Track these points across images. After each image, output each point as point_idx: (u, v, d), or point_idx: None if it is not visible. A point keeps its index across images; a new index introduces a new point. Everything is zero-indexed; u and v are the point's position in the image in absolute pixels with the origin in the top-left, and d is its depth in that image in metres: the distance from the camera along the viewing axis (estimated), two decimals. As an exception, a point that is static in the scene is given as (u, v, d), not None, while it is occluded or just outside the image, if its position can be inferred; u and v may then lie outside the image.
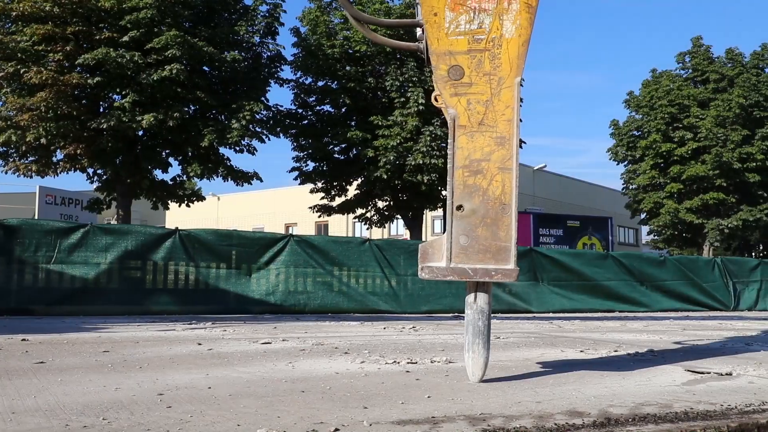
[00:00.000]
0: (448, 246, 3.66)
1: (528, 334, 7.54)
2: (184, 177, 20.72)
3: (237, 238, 11.56)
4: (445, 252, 3.67)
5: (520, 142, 3.73)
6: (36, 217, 24.80)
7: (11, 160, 18.86)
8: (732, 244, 35.14)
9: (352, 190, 24.68)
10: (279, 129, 22.01)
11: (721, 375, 4.18)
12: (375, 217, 25.43)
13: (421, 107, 21.17)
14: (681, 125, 32.11)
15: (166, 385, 3.46)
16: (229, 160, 20.74)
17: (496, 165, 3.67)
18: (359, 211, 25.40)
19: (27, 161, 18.96)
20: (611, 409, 3.00)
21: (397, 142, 21.26)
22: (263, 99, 20.68)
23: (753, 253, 37.50)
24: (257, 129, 20.33)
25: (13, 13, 17.36)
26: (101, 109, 18.85)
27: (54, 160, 19.05)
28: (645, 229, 38.78)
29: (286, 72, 69.57)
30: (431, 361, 4.66)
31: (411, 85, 21.77)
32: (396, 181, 22.33)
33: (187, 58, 18.11)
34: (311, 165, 24.18)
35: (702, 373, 4.26)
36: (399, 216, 25.47)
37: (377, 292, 12.28)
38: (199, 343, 5.69)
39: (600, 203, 48.68)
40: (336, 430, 2.50)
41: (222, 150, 20.40)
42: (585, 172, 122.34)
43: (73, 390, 3.28)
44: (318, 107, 23.92)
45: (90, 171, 19.91)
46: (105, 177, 20.07)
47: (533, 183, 42.46)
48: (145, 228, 11.25)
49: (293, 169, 24.34)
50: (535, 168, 43.39)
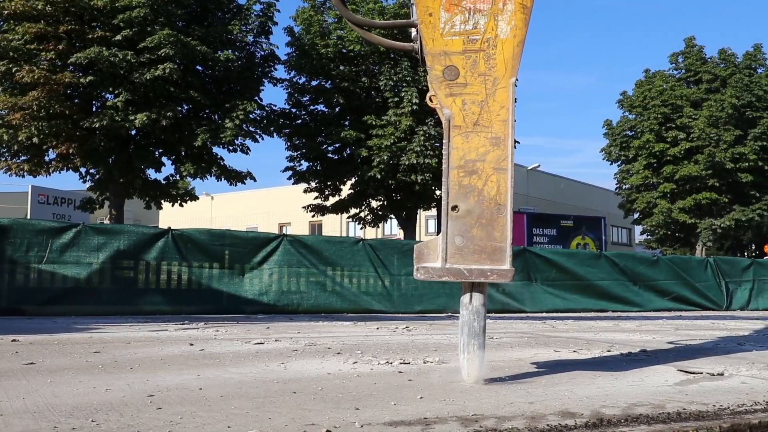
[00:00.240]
0: (443, 246, 3.65)
1: (521, 334, 7.54)
2: (177, 176, 20.67)
3: (230, 238, 11.52)
4: (441, 252, 3.65)
5: (514, 142, 3.72)
6: (28, 216, 24.67)
7: (3, 159, 18.80)
8: (725, 243, 35.27)
9: (346, 190, 24.66)
10: (272, 128, 22.00)
11: (714, 375, 4.18)
12: (369, 216, 25.41)
13: (414, 107, 21.18)
14: (674, 125, 32.21)
15: (156, 386, 3.44)
16: (223, 160, 20.72)
17: (491, 165, 3.66)
18: (353, 210, 25.39)
19: (19, 160, 18.89)
20: (604, 410, 3.00)
21: (391, 141, 21.25)
22: (257, 98, 20.66)
23: (745, 253, 37.65)
24: (251, 128, 20.30)
25: (5, 12, 17.28)
26: (94, 109, 18.78)
27: (46, 159, 18.98)
28: (638, 228, 38.90)
29: (280, 71, 69.44)
30: (424, 362, 4.64)
31: (405, 84, 21.77)
32: (390, 181, 22.33)
33: (180, 57, 18.06)
34: (305, 164, 24.16)
35: (694, 373, 4.26)
36: (393, 216, 25.46)
37: (371, 292, 12.27)
38: (191, 344, 5.67)
39: (593, 203, 48.80)
40: (327, 431, 2.48)
41: (215, 149, 20.38)
42: (578, 172, 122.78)
43: (63, 391, 3.25)
44: (312, 107, 23.90)
45: (82, 170, 19.86)
46: (98, 176, 20.01)
47: (527, 183, 42.51)
48: (137, 228, 11.20)
49: (287, 168, 24.32)
50: (529, 168, 43.45)
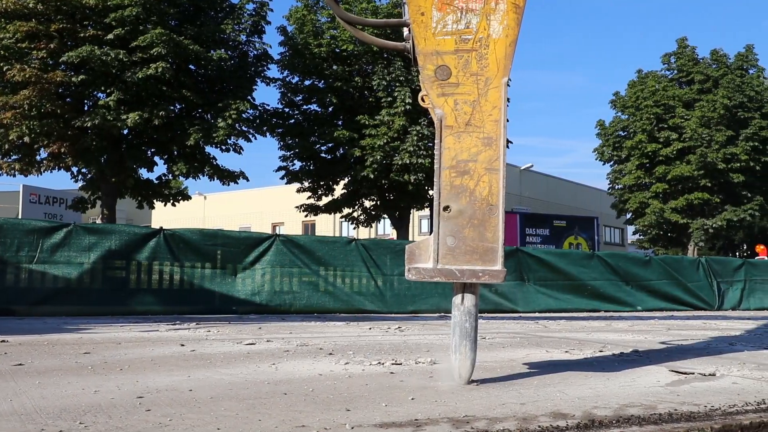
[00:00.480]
0: (435, 247, 3.63)
1: (513, 334, 7.54)
2: (170, 176, 20.61)
3: (222, 238, 11.48)
4: (432, 253, 3.64)
5: (506, 142, 3.71)
6: (20, 216, 24.57)
7: (-6, 158, 18.68)
8: (716, 243, 35.42)
9: (339, 190, 24.64)
10: (265, 128, 21.97)
11: (705, 375, 4.19)
12: (362, 216, 25.40)
13: (408, 107, 21.17)
14: (666, 126, 32.32)
15: (146, 388, 3.42)
16: (215, 159, 20.67)
17: (483, 166, 3.65)
18: (346, 210, 25.37)
19: (10, 160, 18.78)
20: (595, 411, 2.99)
21: (384, 141, 21.24)
22: (250, 98, 20.61)
23: (737, 253, 37.84)
24: (243, 128, 20.26)
25: (-4, 10, 17.18)
26: (86, 108, 18.69)
27: (38, 158, 18.88)
28: (631, 228, 39.03)
29: (273, 71, 69.32)
30: (416, 362, 4.63)
31: (398, 84, 21.76)
32: (383, 181, 22.32)
33: (172, 56, 17.99)
34: (298, 164, 24.13)
35: (686, 373, 4.26)
36: (386, 215, 25.44)
37: (363, 292, 12.25)
38: (182, 344, 5.64)
39: (586, 203, 48.91)
40: (317, 433, 2.47)
41: (208, 149, 20.34)
42: (571, 172, 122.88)
43: (51, 393, 3.23)
44: (305, 106, 23.87)
45: (74, 170, 19.77)
46: (89, 176, 19.92)
47: (520, 183, 42.57)
48: (128, 227, 11.15)
49: (280, 168, 24.27)
50: (522, 168, 43.50)
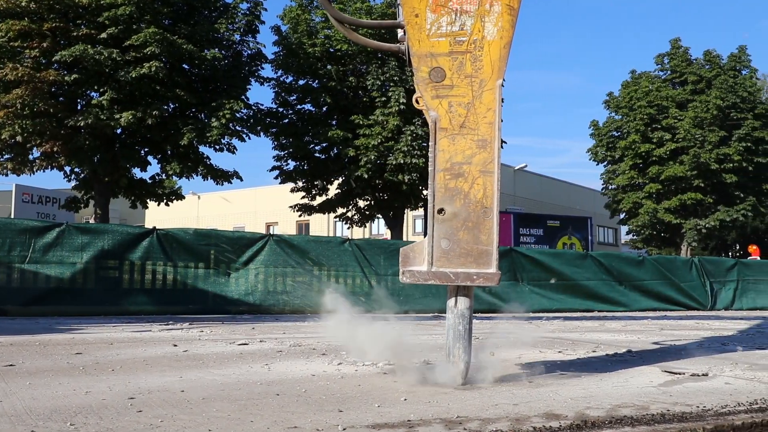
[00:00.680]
0: (429, 250, 3.63)
1: (507, 334, 7.53)
2: (163, 176, 20.55)
3: (215, 238, 11.45)
4: (427, 256, 3.64)
5: (501, 143, 3.71)
6: (12, 215, 24.48)
7: (-14, 157, 18.60)
8: (709, 244, 35.56)
9: (333, 190, 24.62)
10: (259, 128, 21.92)
11: (698, 376, 4.19)
12: (356, 216, 25.38)
13: (402, 107, 21.16)
14: (659, 126, 32.41)
15: (138, 389, 3.40)
16: (209, 159, 20.61)
17: (477, 168, 3.65)
18: (340, 210, 25.34)
19: (3, 159, 18.70)
20: (588, 411, 2.99)
21: (378, 141, 21.23)
22: (243, 97, 20.57)
23: (730, 253, 38.01)
24: (237, 127, 20.22)
25: (-12, 9, 17.10)
26: (79, 107, 18.63)
27: (30, 158, 18.81)
28: (624, 229, 39.09)
29: (267, 70, 69.20)
30: (409, 363, 4.62)
31: (392, 84, 21.76)
32: (377, 181, 22.31)
33: (166, 55, 17.95)
34: (292, 164, 24.10)
35: (679, 373, 4.27)
36: (380, 215, 25.44)
37: (357, 292, 12.23)
38: (175, 345, 5.62)
39: (580, 203, 49.01)
40: (309, 434, 2.46)
41: (202, 149, 20.28)
42: (565, 172, 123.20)
43: (42, 394, 3.21)
44: (299, 106, 23.83)
45: (67, 169, 19.70)
46: (83, 175, 19.85)
47: (514, 183, 42.63)
48: (121, 227, 11.11)
49: (274, 168, 24.23)
50: (516, 168, 43.57)
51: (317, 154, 23.76)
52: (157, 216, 40.57)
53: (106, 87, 17.74)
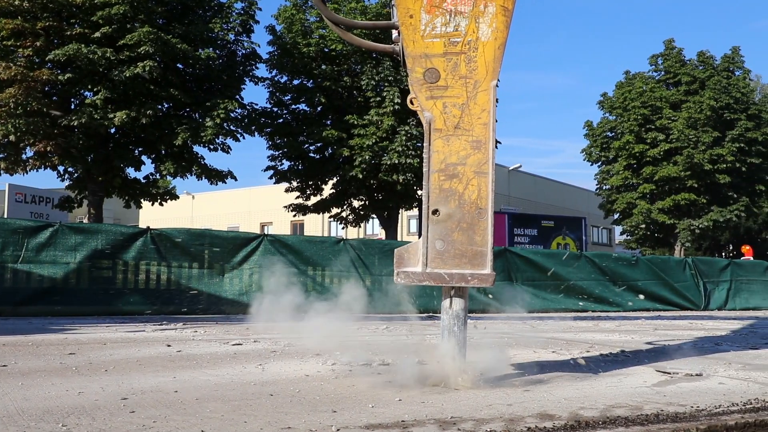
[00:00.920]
0: (423, 251, 3.63)
1: (501, 334, 7.54)
2: (158, 175, 20.49)
3: (210, 238, 11.42)
4: (421, 257, 3.64)
5: (495, 143, 3.71)
6: (5, 215, 24.37)
7: (-21, 157, 18.51)
8: (703, 244, 35.65)
9: (328, 190, 24.60)
10: (254, 127, 21.90)
11: (692, 376, 4.21)
12: (350, 216, 25.36)
13: (396, 107, 21.17)
14: (653, 127, 32.50)
15: (131, 389, 3.39)
16: (203, 159, 20.58)
17: (472, 169, 3.65)
18: (334, 210, 25.33)
19: (-5, 158, 18.62)
20: (582, 412, 2.99)
21: (373, 141, 21.23)
22: (238, 97, 20.55)
23: (723, 254, 38.10)
24: (232, 127, 20.18)
25: (-18, 8, 17.02)
26: (72, 106, 18.56)
27: (23, 157, 18.72)
28: (618, 229, 39.18)
29: (262, 70, 69.29)
30: (403, 363, 4.61)
31: (387, 84, 21.76)
32: (371, 181, 22.30)
33: (160, 55, 17.90)
34: (286, 164, 24.07)
35: (672, 374, 4.28)
36: (374, 215, 25.43)
37: (351, 292, 12.21)
38: (169, 345, 5.60)
39: (574, 203, 49.11)
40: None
41: (196, 148, 20.25)
42: (559, 172, 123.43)
43: (35, 394, 3.20)
44: (293, 106, 23.81)
45: (61, 169, 19.62)
46: (76, 175, 19.78)
47: (508, 183, 42.69)
48: (115, 227, 11.06)
49: (268, 167, 24.20)
50: (510, 168, 43.63)
51: (312, 154, 23.74)
52: (151, 216, 40.48)
53: (99, 86, 17.68)
